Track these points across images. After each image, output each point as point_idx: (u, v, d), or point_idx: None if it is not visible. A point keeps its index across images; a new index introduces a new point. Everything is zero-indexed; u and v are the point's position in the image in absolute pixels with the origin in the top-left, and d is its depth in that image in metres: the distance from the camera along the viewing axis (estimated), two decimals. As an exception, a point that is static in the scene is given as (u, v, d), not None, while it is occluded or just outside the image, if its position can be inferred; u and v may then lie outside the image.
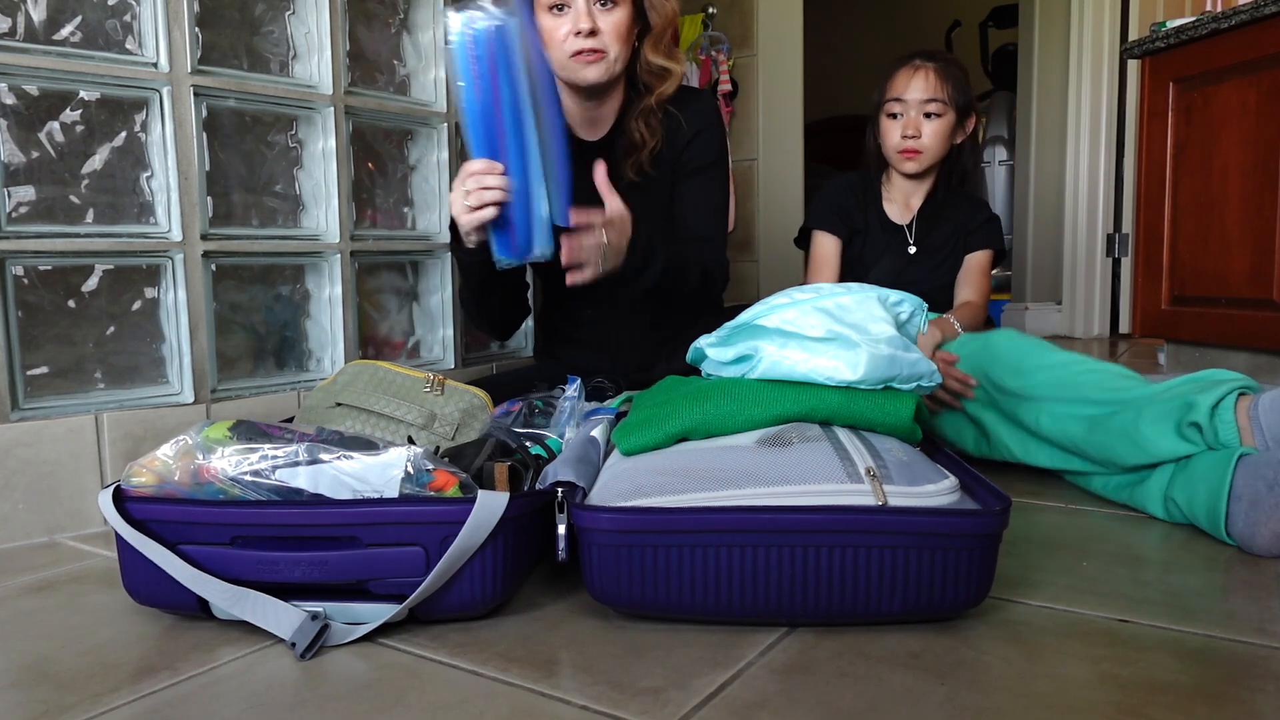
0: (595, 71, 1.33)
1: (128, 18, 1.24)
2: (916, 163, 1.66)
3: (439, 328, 1.69)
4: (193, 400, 1.29)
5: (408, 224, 1.63)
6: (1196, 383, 1.15)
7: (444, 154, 1.64)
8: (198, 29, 1.29)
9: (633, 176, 1.40)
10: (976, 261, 1.72)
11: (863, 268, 1.70)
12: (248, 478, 0.81)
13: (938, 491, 0.79)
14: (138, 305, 1.27)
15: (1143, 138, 2.41)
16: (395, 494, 0.81)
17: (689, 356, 1.07)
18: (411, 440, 1.02)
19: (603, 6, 1.32)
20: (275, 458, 0.82)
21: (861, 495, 0.78)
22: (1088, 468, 1.24)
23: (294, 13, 1.43)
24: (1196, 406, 1.08)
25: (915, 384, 0.93)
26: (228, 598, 0.80)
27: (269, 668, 0.75)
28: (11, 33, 1.13)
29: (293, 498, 0.81)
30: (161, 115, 1.26)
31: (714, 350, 1.01)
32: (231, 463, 0.82)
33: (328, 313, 1.49)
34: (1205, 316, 2.24)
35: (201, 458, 0.82)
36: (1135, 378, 1.22)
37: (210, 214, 1.32)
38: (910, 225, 1.72)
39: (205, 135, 1.30)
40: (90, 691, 0.72)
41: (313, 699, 0.70)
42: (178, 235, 1.27)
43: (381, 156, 1.58)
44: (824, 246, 1.71)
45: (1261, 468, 1.00)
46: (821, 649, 0.76)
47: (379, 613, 0.80)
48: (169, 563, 0.80)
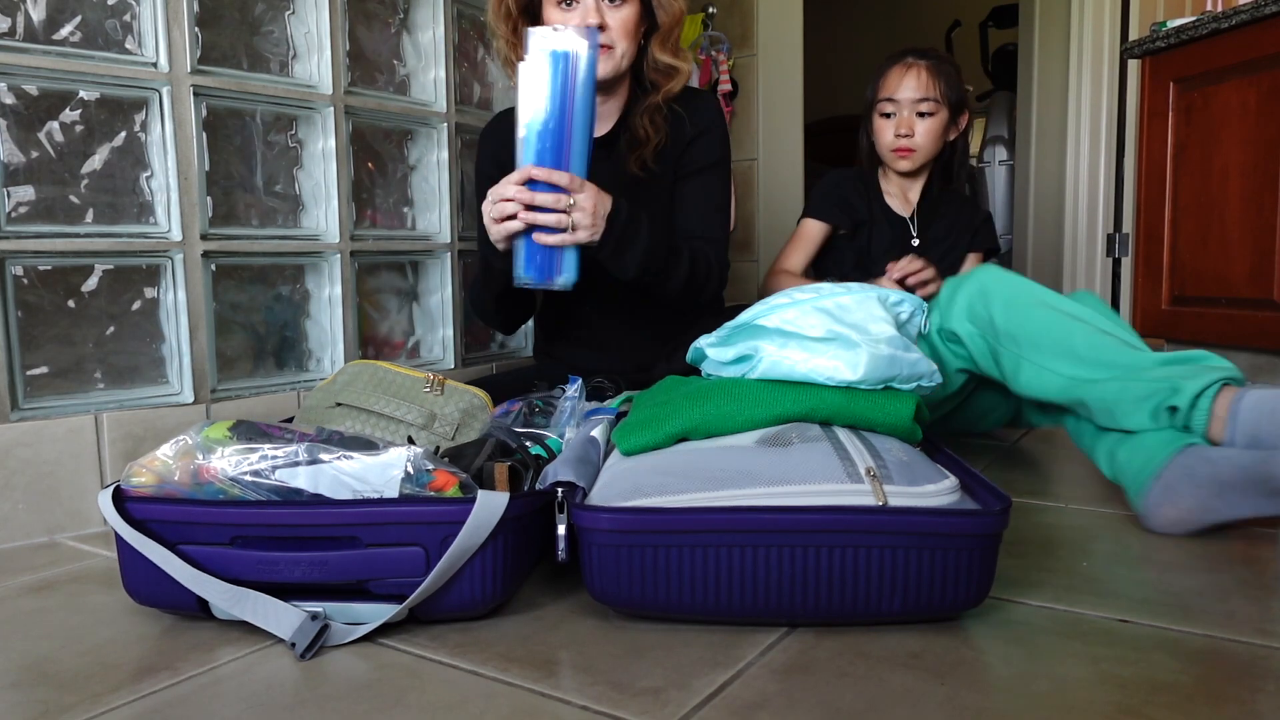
0: (602, 67, 1.33)
1: (127, 18, 1.24)
2: (910, 161, 1.68)
3: (439, 328, 1.69)
4: (193, 400, 1.29)
5: (408, 224, 1.63)
6: (1186, 365, 1.14)
7: (444, 154, 1.64)
8: (197, 29, 1.29)
9: (636, 172, 1.40)
10: (975, 262, 1.74)
11: (871, 261, 1.70)
12: (248, 478, 0.81)
13: (938, 491, 0.79)
14: (138, 305, 1.27)
15: (1143, 138, 2.41)
16: (395, 494, 0.81)
17: (689, 356, 1.07)
18: (411, 440, 1.02)
19: (611, 3, 1.32)
20: (275, 458, 0.82)
21: (861, 495, 0.78)
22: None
23: (294, 13, 1.43)
24: (1181, 392, 1.09)
25: (915, 384, 0.93)
26: (228, 598, 0.80)
27: (269, 668, 0.75)
28: (11, 33, 1.13)
29: (293, 498, 0.81)
30: (161, 115, 1.26)
31: (714, 350, 1.01)
32: (231, 463, 0.82)
33: (328, 313, 1.49)
34: (1205, 316, 2.24)
35: (201, 458, 0.82)
36: (1123, 330, 1.19)
37: (210, 214, 1.32)
38: (912, 217, 1.74)
39: (205, 135, 1.30)
40: (90, 691, 0.72)
41: (313, 699, 0.70)
42: (178, 235, 1.27)
43: (381, 156, 1.58)
44: (810, 228, 1.72)
45: (1196, 462, 1.04)
46: (821, 649, 0.76)
47: (379, 613, 0.80)
48: (169, 563, 0.80)
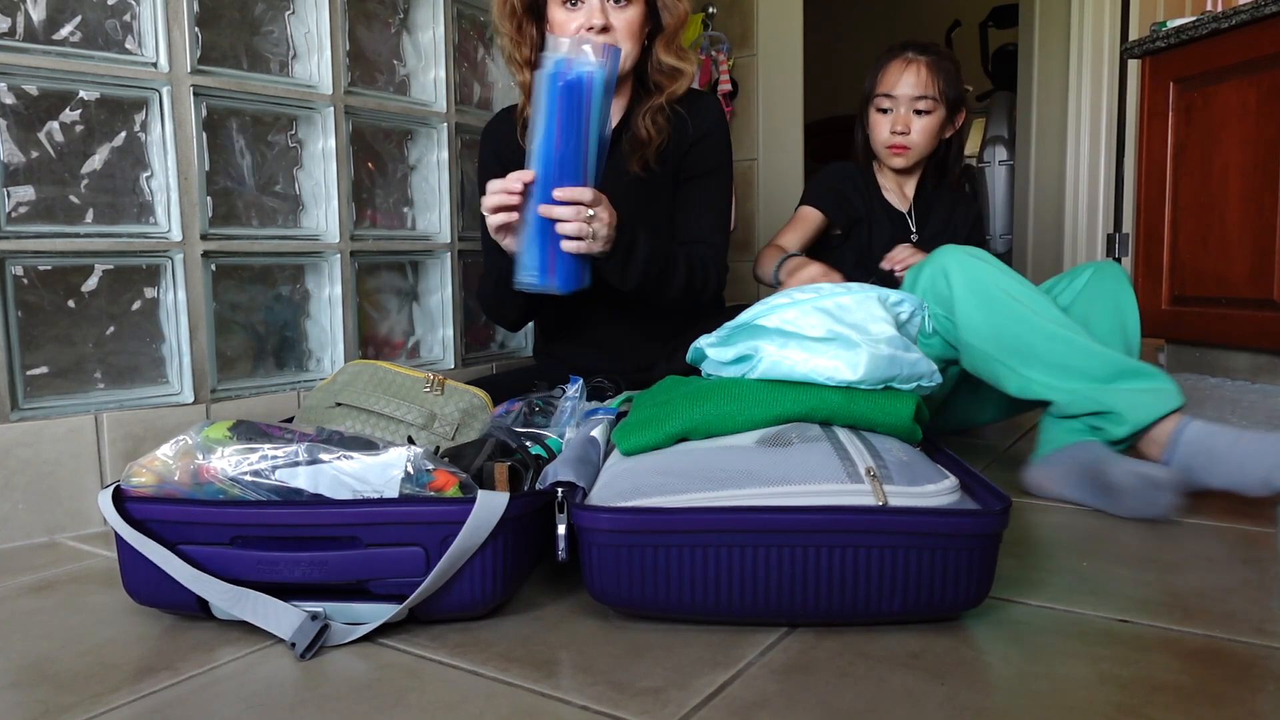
0: None
1: (127, 18, 1.24)
2: (904, 159, 1.67)
3: (439, 328, 1.69)
4: (193, 400, 1.29)
5: (408, 224, 1.63)
6: (1136, 385, 1.16)
7: (444, 154, 1.64)
8: (197, 29, 1.29)
9: (638, 172, 1.40)
10: None
11: (872, 258, 1.68)
12: (248, 478, 0.81)
13: (938, 491, 0.79)
14: (138, 305, 1.27)
15: (1143, 138, 2.41)
16: (395, 494, 0.81)
17: (689, 356, 1.07)
18: (411, 440, 1.02)
19: (616, 4, 1.32)
20: (275, 458, 0.82)
21: (861, 495, 0.78)
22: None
23: (294, 13, 1.43)
24: (1119, 423, 1.15)
25: (915, 384, 0.93)
26: (228, 598, 0.80)
27: (269, 668, 0.75)
28: (11, 33, 1.13)
29: (293, 498, 0.81)
30: (161, 115, 1.26)
31: (714, 350, 1.01)
32: (231, 463, 0.82)
33: (328, 313, 1.49)
34: (1205, 316, 2.24)
35: (201, 458, 0.82)
36: (1080, 337, 1.18)
37: (210, 214, 1.32)
38: (910, 212, 1.73)
39: (205, 135, 1.30)
40: (90, 691, 0.72)
41: (313, 699, 0.70)
42: (178, 235, 1.27)
43: (381, 156, 1.58)
44: (806, 214, 1.69)
45: (1092, 454, 1.16)
46: (821, 649, 0.76)
47: (379, 613, 0.80)
48: (169, 563, 0.80)
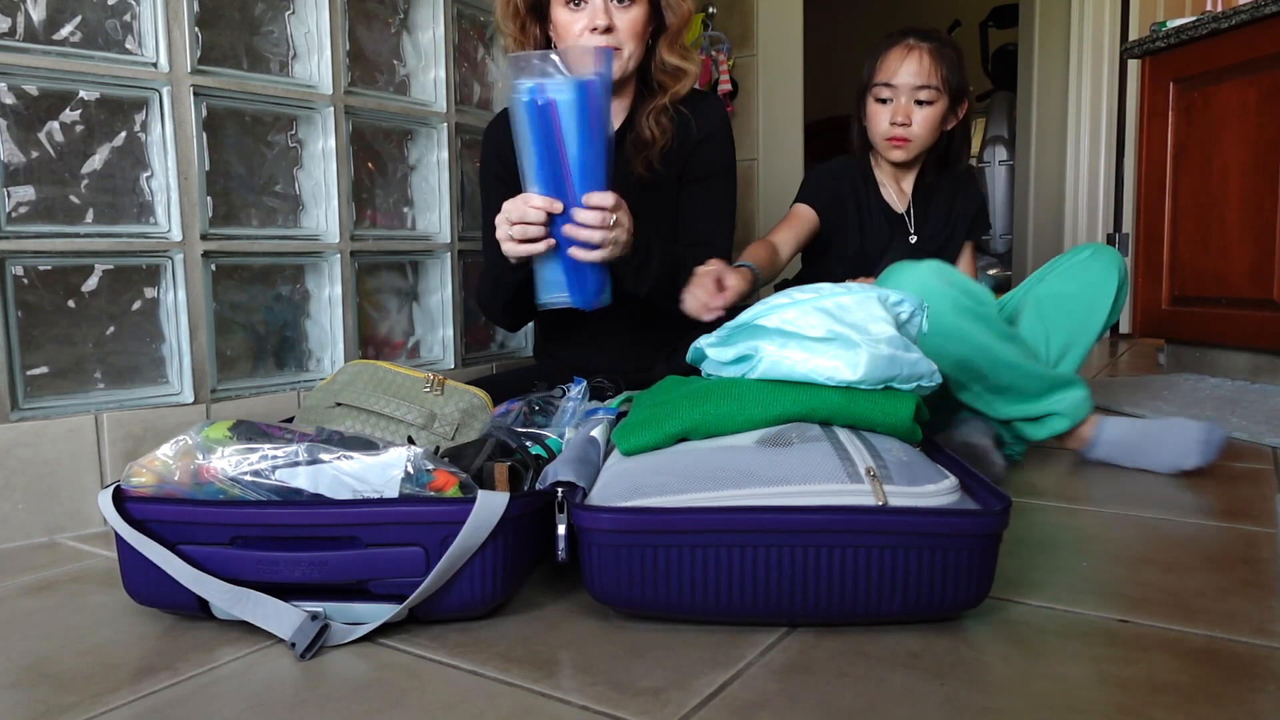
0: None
1: (127, 17, 1.24)
2: (904, 152, 1.59)
3: (439, 328, 1.69)
4: (193, 400, 1.29)
5: (408, 224, 1.63)
6: (1060, 396, 1.34)
7: (444, 154, 1.64)
8: (198, 29, 1.29)
9: (642, 173, 1.40)
10: (969, 248, 1.70)
11: (868, 262, 1.65)
12: (248, 478, 0.81)
13: (938, 491, 0.79)
14: (138, 305, 1.27)
15: (1143, 138, 2.41)
16: (395, 494, 0.81)
17: (689, 356, 1.07)
18: (411, 440, 1.02)
19: (619, 4, 1.31)
20: (275, 458, 0.82)
21: (861, 495, 0.78)
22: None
23: (294, 13, 1.43)
24: (1053, 427, 1.35)
25: (915, 384, 0.93)
26: (228, 598, 0.80)
27: (269, 668, 0.75)
28: (11, 33, 1.13)
29: (293, 498, 0.81)
30: (161, 115, 1.26)
31: (714, 350, 1.00)
32: (231, 463, 0.82)
33: (328, 313, 1.49)
34: (1205, 316, 2.24)
35: (201, 458, 0.82)
36: (1019, 362, 1.30)
37: (210, 214, 1.32)
38: (908, 212, 1.67)
39: (205, 135, 1.30)
40: (90, 691, 0.72)
41: (313, 699, 0.70)
42: (178, 235, 1.27)
43: (381, 156, 1.58)
44: (801, 212, 1.62)
45: (979, 432, 1.31)
46: (821, 649, 0.76)
47: (379, 613, 0.80)
48: (169, 563, 0.80)
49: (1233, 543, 1.02)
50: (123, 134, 1.24)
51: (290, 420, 1.16)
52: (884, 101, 1.57)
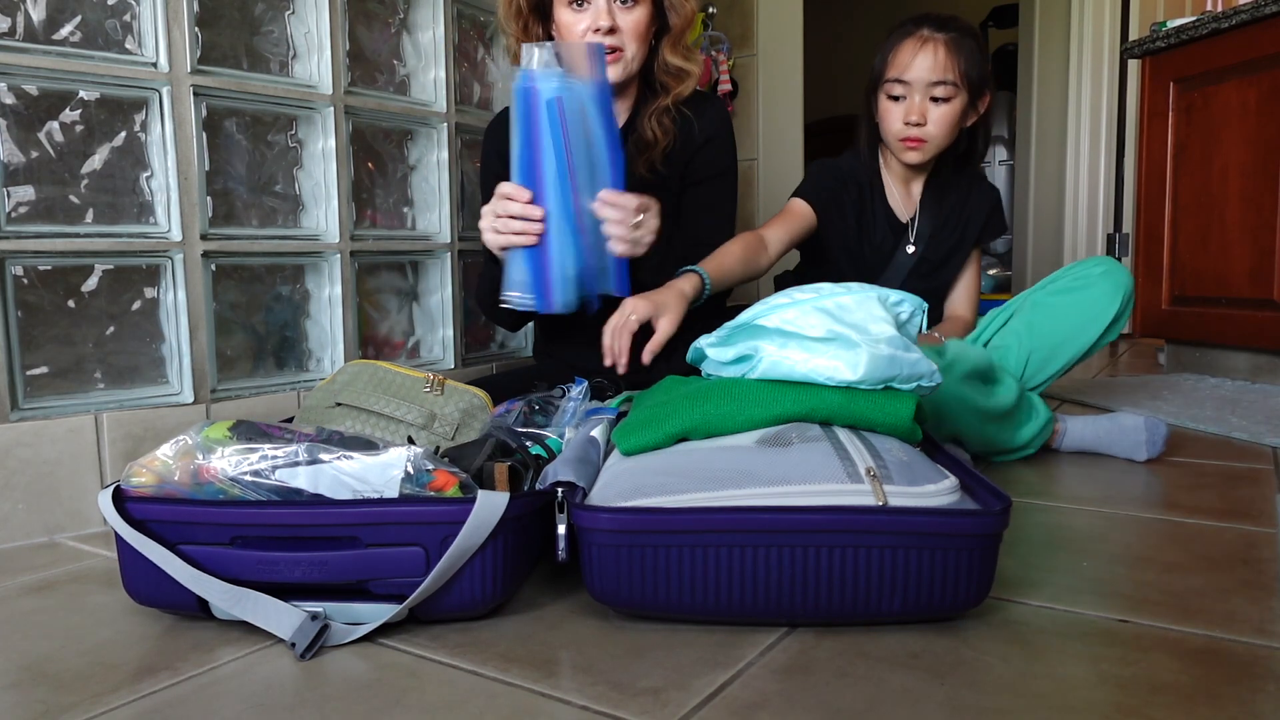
0: (612, 72, 1.33)
1: (127, 18, 1.24)
2: (920, 153, 1.49)
3: (439, 328, 1.69)
4: (193, 400, 1.29)
5: (408, 224, 1.63)
6: (1026, 418, 1.39)
7: (444, 154, 1.64)
8: (197, 29, 1.29)
9: (643, 174, 1.40)
10: (975, 257, 1.66)
11: (870, 271, 1.61)
12: (248, 478, 0.81)
13: (938, 491, 0.79)
14: (138, 305, 1.27)
15: (1143, 138, 2.41)
16: (395, 494, 0.81)
17: (689, 356, 1.07)
18: (411, 440, 1.02)
19: (623, 5, 1.31)
20: (275, 458, 0.82)
21: (861, 495, 0.78)
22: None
23: (294, 13, 1.43)
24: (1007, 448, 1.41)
25: (915, 384, 0.93)
26: (228, 598, 0.80)
27: (269, 668, 0.75)
28: (11, 32, 1.13)
29: (293, 498, 0.81)
30: (161, 115, 1.26)
31: (714, 350, 1.00)
32: (231, 463, 0.82)
33: (328, 313, 1.49)
34: (1205, 316, 2.24)
35: (201, 458, 0.82)
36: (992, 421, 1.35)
37: (210, 214, 1.32)
38: (913, 220, 1.59)
39: (205, 135, 1.30)
40: (90, 691, 0.72)
41: (313, 699, 0.70)
42: (178, 235, 1.27)
43: (381, 156, 1.58)
44: (798, 209, 1.55)
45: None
46: (821, 649, 0.76)
47: (379, 613, 0.80)
48: (169, 563, 0.80)
49: (1233, 543, 1.02)
50: (123, 134, 1.24)
51: (290, 420, 1.16)
52: (897, 99, 1.48)
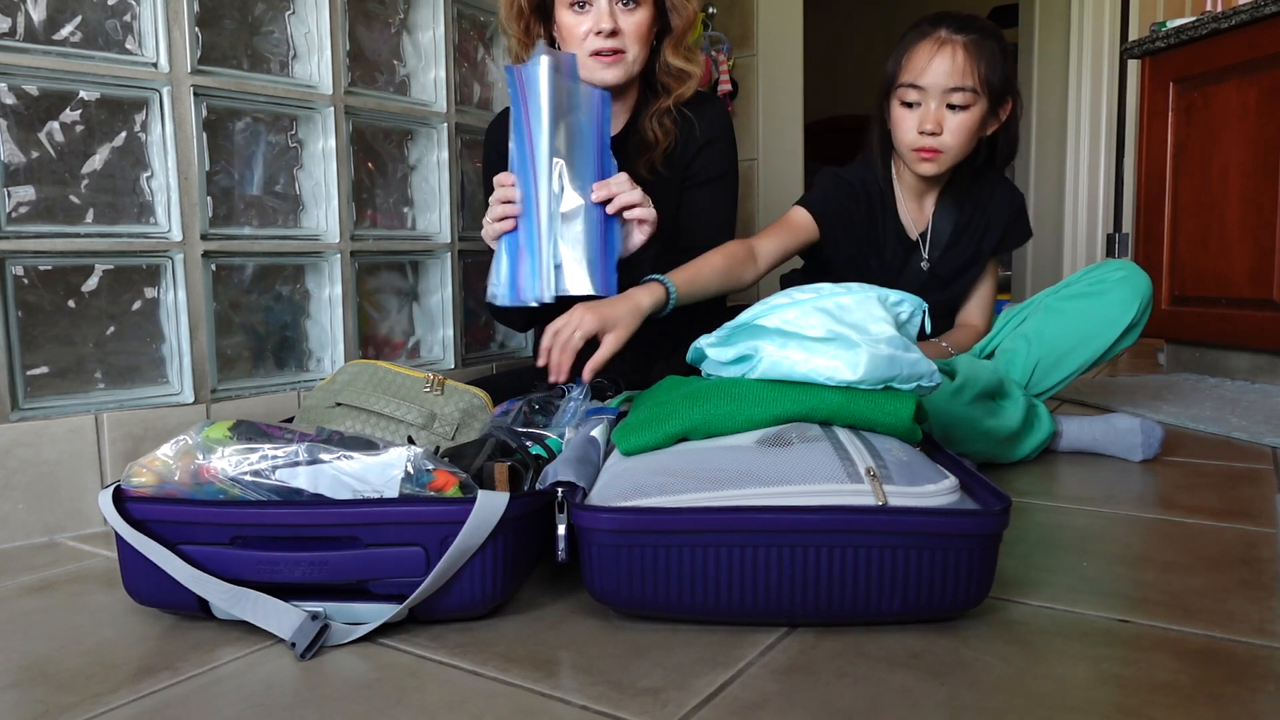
0: (614, 73, 1.33)
1: (128, 18, 1.24)
2: (936, 164, 1.40)
3: (439, 328, 1.69)
4: (193, 400, 1.29)
5: (408, 224, 1.63)
6: (1040, 425, 1.40)
7: (444, 154, 1.64)
8: (198, 29, 1.29)
9: (645, 174, 1.40)
10: (993, 265, 1.59)
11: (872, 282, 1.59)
12: (248, 478, 0.81)
13: (938, 491, 0.79)
14: (138, 305, 1.27)
15: (1143, 138, 2.41)
16: (395, 494, 0.81)
17: (689, 356, 1.07)
18: (411, 440, 1.02)
19: (625, 6, 1.31)
20: (275, 458, 0.82)
21: (861, 495, 0.78)
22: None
23: (294, 13, 1.43)
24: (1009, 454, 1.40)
25: (915, 384, 0.93)
26: (228, 598, 0.80)
27: (269, 668, 0.75)
28: (11, 33, 1.13)
29: (293, 498, 0.81)
30: (161, 115, 1.26)
31: (714, 350, 1.01)
32: (231, 463, 0.82)
33: (328, 313, 1.49)
34: (1205, 316, 2.24)
35: (201, 458, 0.82)
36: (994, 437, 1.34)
37: (210, 214, 1.32)
38: (925, 234, 1.51)
39: (205, 135, 1.30)
40: (90, 691, 0.72)
41: (313, 699, 0.70)
42: (178, 235, 1.27)
43: (381, 156, 1.58)
44: (800, 220, 1.48)
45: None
46: (821, 649, 0.76)
47: (379, 613, 0.80)
48: (169, 563, 0.80)
49: (1233, 543, 1.02)
50: (123, 134, 1.24)
51: (290, 420, 1.16)
52: (911, 105, 1.39)
